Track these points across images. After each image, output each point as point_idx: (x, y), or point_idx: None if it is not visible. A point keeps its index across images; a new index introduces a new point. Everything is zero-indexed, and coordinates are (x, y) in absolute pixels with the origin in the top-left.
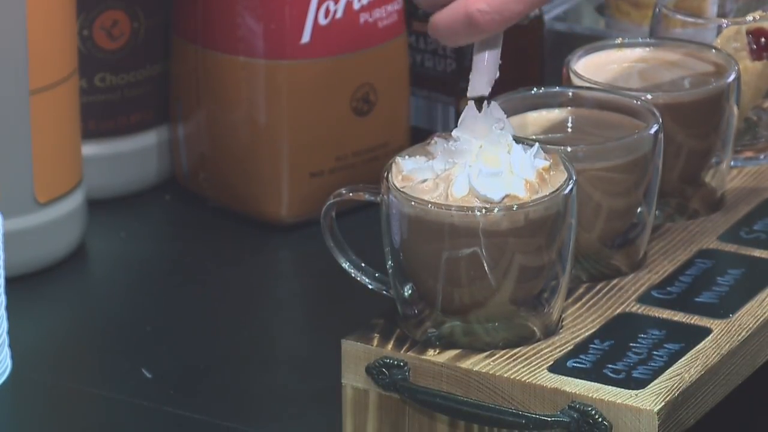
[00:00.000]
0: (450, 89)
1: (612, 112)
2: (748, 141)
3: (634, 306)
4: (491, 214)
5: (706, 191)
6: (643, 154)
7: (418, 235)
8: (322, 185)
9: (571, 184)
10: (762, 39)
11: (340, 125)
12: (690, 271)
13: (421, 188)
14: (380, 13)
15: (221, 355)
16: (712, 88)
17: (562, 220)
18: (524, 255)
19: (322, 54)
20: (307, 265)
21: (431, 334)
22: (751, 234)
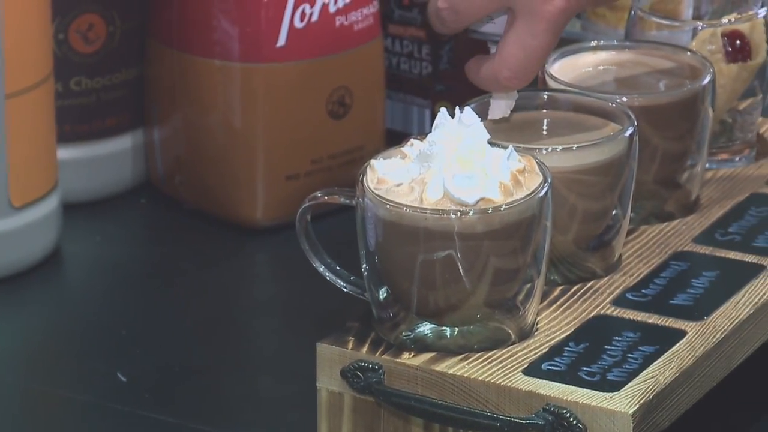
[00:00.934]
0: (426, 92)
1: (587, 114)
2: (723, 143)
3: (609, 308)
4: (466, 217)
5: (681, 193)
6: (618, 156)
7: (393, 238)
8: (297, 188)
9: (546, 186)
10: (737, 41)
11: (316, 128)
12: (665, 273)
13: (397, 191)
14: (356, 16)
15: (197, 359)
16: (688, 91)
17: (537, 223)
18: (499, 258)
19: (298, 57)
20: (282, 268)
21: (406, 337)
22: (726, 236)
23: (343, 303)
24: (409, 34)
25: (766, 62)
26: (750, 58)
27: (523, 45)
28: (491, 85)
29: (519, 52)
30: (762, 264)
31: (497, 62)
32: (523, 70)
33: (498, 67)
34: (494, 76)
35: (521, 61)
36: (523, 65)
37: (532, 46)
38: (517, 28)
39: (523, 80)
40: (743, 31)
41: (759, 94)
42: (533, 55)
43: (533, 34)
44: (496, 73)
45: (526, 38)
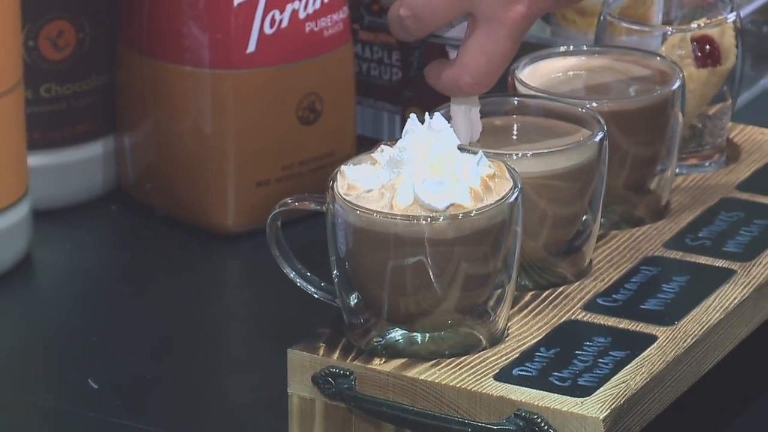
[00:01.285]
0: (396, 98)
1: (557, 120)
2: (693, 148)
3: (580, 314)
4: (436, 222)
5: (652, 199)
6: (588, 161)
7: (364, 244)
8: (268, 194)
9: (517, 192)
10: (707, 46)
11: (286, 134)
12: (635, 278)
13: (367, 197)
14: (326, 22)
15: (168, 366)
16: (657, 96)
17: (508, 228)
18: (470, 263)
19: (268, 63)
20: (253, 274)
21: (377, 343)
22: (697, 241)
23: (314, 309)
24: (379, 40)
25: (735, 67)
26: (719, 63)
27: (484, 51)
28: (452, 90)
29: (481, 58)
30: (732, 269)
31: (458, 68)
32: (484, 75)
33: (459, 72)
34: (455, 82)
35: (483, 67)
36: (484, 71)
37: (494, 52)
38: (479, 34)
39: (484, 86)
40: (713, 36)
41: (728, 99)
42: (495, 61)
43: (495, 40)
44: (457, 78)
45: (487, 44)
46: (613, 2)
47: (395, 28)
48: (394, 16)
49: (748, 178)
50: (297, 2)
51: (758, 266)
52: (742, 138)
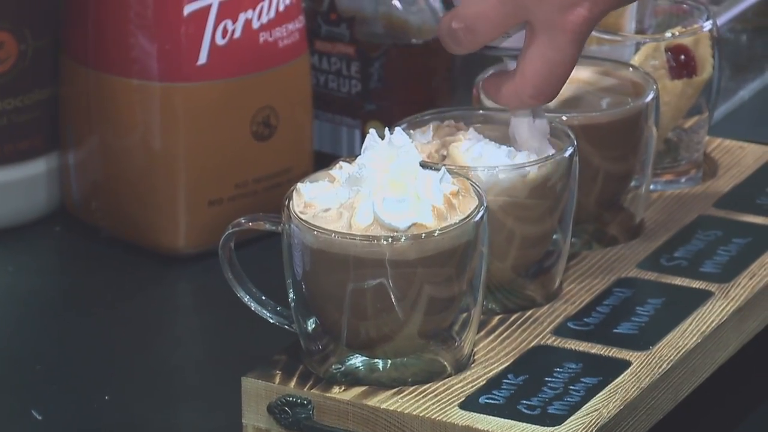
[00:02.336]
0: (355, 112)
1: None
2: (668, 163)
3: (550, 338)
4: (397, 243)
5: (625, 217)
6: (557, 178)
7: (322, 266)
8: (221, 214)
9: (482, 210)
10: (682, 56)
11: (240, 150)
12: (608, 300)
13: (324, 217)
14: (281, 32)
15: (116, 394)
16: (630, 109)
17: (473, 249)
18: (433, 286)
19: (220, 76)
20: (206, 298)
21: (336, 370)
22: (672, 261)
23: (269, 335)
24: (337, 50)
25: (712, 78)
26: (695, 73)
27: (546, 60)
28: (514, 103)
29: (543, 68)
30: (710, 290)
31: (519, 80)
32: (548, 86)
33: (521, 84)
34: (517, 95)
35: (546, 77)
36: (548, 81)
37: (557, 61)
38: (539, 43)
39: (548, 97)
40: (688, 45)
41: (705, 111)
42: (559, 69)
43: (557, 48)
44: (519, 91)
45: (548, 52)
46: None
47: (447, 41)
48: (445, 28)
49: (726, 194)
50: (250, 11)
51: (737, 287)
52: (719, 152)
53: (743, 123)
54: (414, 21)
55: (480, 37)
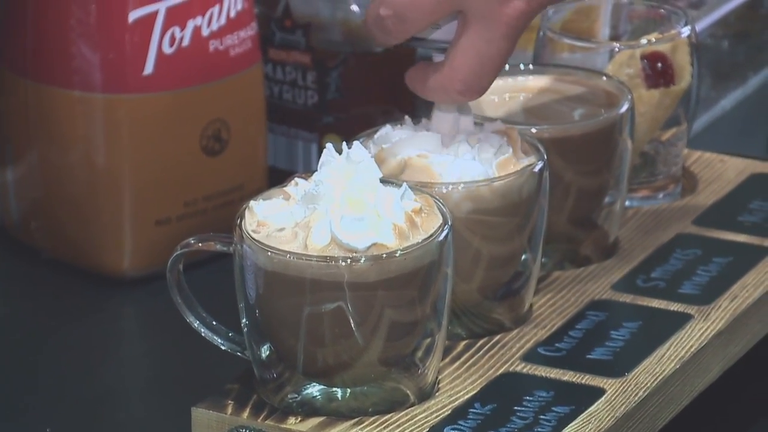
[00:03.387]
0: (312, 124)
1: None
2: (644, 178)
3: (519, 365)
4: (356, 264)
5: (599, 235)
6: (526, 194)
7: (276, 289)
8: (168, 234)
9: (446, 229)
10: (658, 64)
11: (189, 166)
12: (581, 324)
13: (279, 237)
14: (232, 39)
15: (58, 426)
16: (604, 120)
17: (437, 270)
18: (395, 309)
19: (168, 87)
20: (153, 323)
21: (292, 400)
22: (649, 282)
23: (221, 362)
24: (292, 59)
25: (690, 87)
26: (673, 82)
27: (478, 53)
28: (440, 97)
29: (473, 61)
30: (689, 313)
31: (448, 73)
32: (477, 80)
33: (449, 77)
34: (444, 88)
35: (476, 71)
36: (477, 75)
37: (489, 54)
38: (471, 35)
39: (477, 92)
40: (665, 52)
41: (683, 122)
42: (490, 63)
43: (489, 41)
44: (446, 84)
45: (481, 45)
46: (554, 15)
47: (374, 29)
48: (373, 15)
49: (707, 211)
50: (200, 18)
51: (717, 310)
52: (699, 166)
53: (724, 135)
54: None
55: (409, 25)
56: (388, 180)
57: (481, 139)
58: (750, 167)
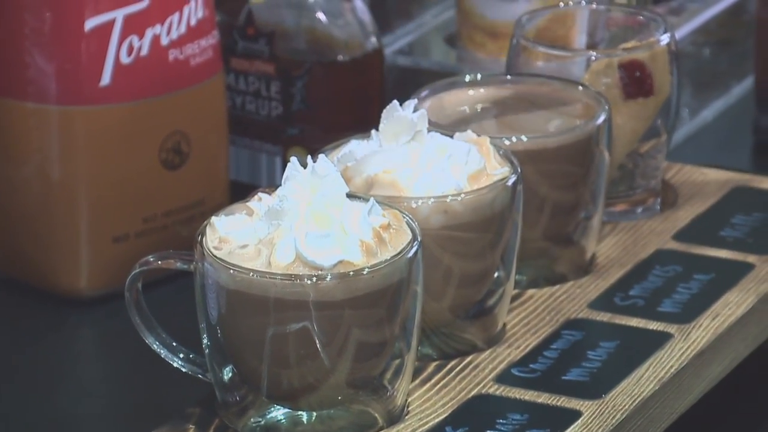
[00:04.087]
0: (276, 137)
1: None
2: (622, 192)
3: (492, 386)
4: (322, 283)
5: (575, 251)
6: (499, 209)
7: (239, 308)
8: (127, 252)
9: (416, 245)
10: (636, 73)
11: (148, 181)
12: (556, 344)
13: (242, 254)
14: (192, 48)
15: None
16: (580, 132)
17: (406, 288)
18: (362, 329)
19: (126, 98)
20: (111, 345)
21: (256, 424)
22: (627, 300)
23: (181, 385)
24: (255, 68)
25: (670, 97)
26: (652, 92)
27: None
28: None
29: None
30: (669, 332)
31: None
32: None
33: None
34: None
35: None
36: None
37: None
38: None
39: None
40: (643, 61)
41: (663, 134)
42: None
43: None
44: None
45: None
46: (528, 22)
47: None
48: None
49: (687, 226)
50: (159, 26)
51: (698, 329)
52: (679, 179)
53: (706, 147)
54: (340, 35)
55: None
56: (354, 194)
57: (451, 151)
58: (732, 180)
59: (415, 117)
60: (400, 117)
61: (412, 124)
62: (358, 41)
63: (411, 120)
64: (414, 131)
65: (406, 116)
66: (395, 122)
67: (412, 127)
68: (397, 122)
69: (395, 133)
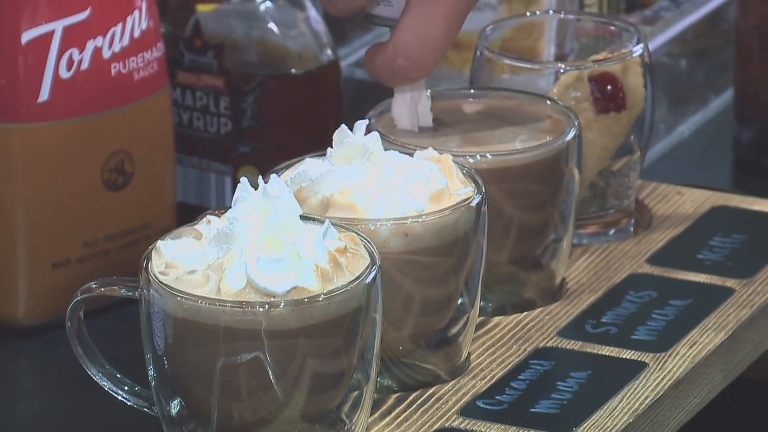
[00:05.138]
0: (226, 156)
1: None
2: (594, 213)
3: (456, 420)
4: (275, 310)
5: (543, 276)
6: (462, 231)
7: (187, 338)
8: (67, 278)
9: (374, 270)
10: (608, 87)
11: (89, 203)
12: (524, 375)
13: (190, 280)
14: (136, 62)
15: None
16: (548, 149)
17: (365, 316)
18: (318, 360)
19: (65, 114)
20: (51, 376)
21: None
22: (599, 328)
23: (126, 419)
24: (203, 83)
25: (644, 111)
26: (624, 107)
27: (418, 31)
28: (387, 75)
29: (414, 39)
30: (643, 361)
31: (390, 50)
32: (419, 58)
33: (392, 54)
34: (389, 66)
35: (416, 49)
36: (418, 53)
37: (428, 34)
38: (412, 13)
39: (421, 69)
40: (615, 73)
41: (637, 151)
42: (430, 41)
43: (429, 20)
44: (390, 61)
45: (420, 24)
46: (493, 33)
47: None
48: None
49: (662, 248)
50: (100, 38)
51: (674, 357)
52: (654, 199)
53: (683, 164)
54: (293, 47)
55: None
56: (309, 216)
57: (411, 170)
58: (711, 199)
59: (367, 141)
60: (351, 143)
61: (364, 149)
62: (313, 53)
63: (362, 145)
64: (367, 154)
65: (356, 141)
66: (346, 147)
67: (365, 152)
68: (348, 147)
69: (348, 158)
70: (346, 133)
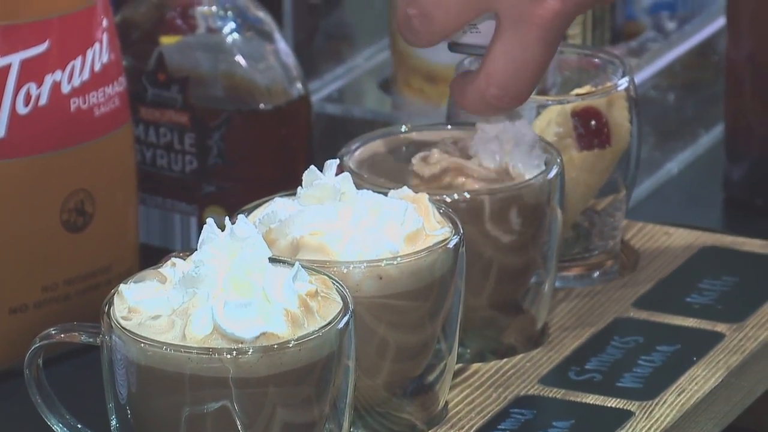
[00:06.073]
0: (191, 195)
1: None
2: (577, 254)
3: None
4: (243, 357)
5: (525, 321)
6: (439, 274)
7: (151, 386)
8: (25, 324)
9: (347, 315)
10: (592, 122)
11: (48, 245)
12: (504, 424)
13: (154, 326)
14: (97, 97)
15: None
16: (529, 187)
17: (337, 363)
18: (288, 409)
19: (23, 152)
20: (8, 428)
21: None
22: (583, 375)
23: None
24: (167, 118)
25: (629, 148)
26: (609, 143)
27: (512, 58)
28: (478, 106)
29: (508, 66)
30: (629, 410)
31: (483, 80)
32: (514, 86)
33: (484, 85)
34: (481, 96)
35: (511, 76)
36: (513, 81)
37: (523, 59)
38: (504, 39)
39: (516, 98)
40: (599, 108)
41: (622, 189)
42: (525, 68)
43: (524, 44)
44: (482, 92)
45: (515, 50)
46: (471, 65)
47: (404, 29)
48: (401, 15)
49: (649, 291)
50: (59, 72)
51: (662, 406)
52: (640, 239)
53: (670, 203)
54: (262, 81)
55: (437, 26)
56: (278, 259)
57: (385, 210)
58: (700, 240)
59: (338, 182)
60: (321, 185)
61: (335, 191)
62: (282, 87)
63: (333, 186)
64: (339, 195)
65: (327, 183)
66: (316, 189)
67: (336, 193)
68: (318, 189)
69: (318, 199)
70: (316, 174)
